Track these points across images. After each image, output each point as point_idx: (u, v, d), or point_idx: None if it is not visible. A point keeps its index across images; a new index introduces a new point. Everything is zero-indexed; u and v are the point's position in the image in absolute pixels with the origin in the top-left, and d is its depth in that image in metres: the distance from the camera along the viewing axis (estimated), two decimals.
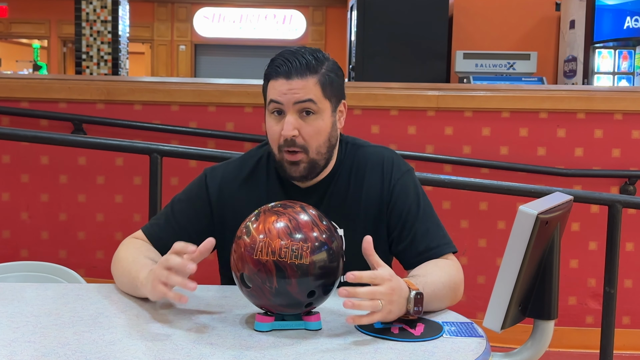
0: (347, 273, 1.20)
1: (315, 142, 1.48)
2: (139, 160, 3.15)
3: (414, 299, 1.25)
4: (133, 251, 1.52)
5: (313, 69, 1.47)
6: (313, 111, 1.47)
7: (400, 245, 1.54)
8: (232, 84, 3.72)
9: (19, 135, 3.04)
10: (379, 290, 1.21)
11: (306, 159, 1.48)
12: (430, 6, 5.81)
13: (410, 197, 1.55)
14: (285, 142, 1.47)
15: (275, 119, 1.49)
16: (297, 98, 1.45)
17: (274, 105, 1.48)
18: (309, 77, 1.46)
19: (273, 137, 1.50)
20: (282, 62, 1.47)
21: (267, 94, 1.50)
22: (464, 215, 3.56)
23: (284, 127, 1.46)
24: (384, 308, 1.22)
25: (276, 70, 1.47)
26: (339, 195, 1.56)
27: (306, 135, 1.47)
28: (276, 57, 1.51)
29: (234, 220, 1.39)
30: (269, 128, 1.50)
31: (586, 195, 2.88)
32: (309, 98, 1.46)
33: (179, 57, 11.59)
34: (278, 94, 1.46)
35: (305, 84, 1.46)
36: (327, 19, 11.52)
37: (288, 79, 1.46)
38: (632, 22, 6.08)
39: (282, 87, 1.46)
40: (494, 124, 3.60)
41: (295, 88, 1.45)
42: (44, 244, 3.62)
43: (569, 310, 3.51)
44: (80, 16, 5.73)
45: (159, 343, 1.17)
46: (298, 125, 1.46)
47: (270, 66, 1.51)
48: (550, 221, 1.17)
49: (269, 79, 1.49)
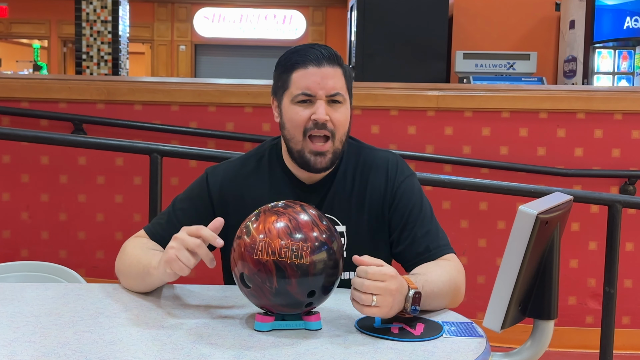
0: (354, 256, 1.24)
1: (342, 129, 1.51)
2: (139, 160, 3.16)
3: (412, 298, 1.26)
4: (140, 245, 1.53)
5: (339, 60, 1.51)
6: (340, 100, 1.50)
7: (400, 247, 1.55)
8: (232, 84, 3.72)
9: (19, 135, 3.04)
10: (383, 286, 1.22)
11: (332, 149, 1.50)
12: (430, 6, 5.82)
13: (412, 200, 1.56)
14: (316, 125, 1.47)
15: (302, 106, 1.49)
16: (330, 86, 1.47)
17: (304, 96, 1.48)
18: (337, 67, 1.50)
19: (299, 123, 1.49)
20: (309, 50, 1.49)
21: (292, 83, 1.49)
22: (464, 215, 3.56)
23: (318, 111, 1.47)
24: (384, 305, 1.22)
25: (305, 58, 1.48)
26: (343, 193, 1.57)
27: (336, 121, 1.49)
28: (298, 48, 1.52)
29: (236, 219, 1.39)
30: (294, 114, 1.49)
31: (586, 195, 2.88)
32: (340, 86, 1.49)
33: (179, 57, 11.58)
34: (311, 82, 1.47)
35: (335, 72, 1.49)
36: (327, 19, 11.52)
37: (319, 67, 1.47)
38: (632, 22, 6.08)
39: (314, 76, 1.47)
40: (494, 124, 3.60)
41: (327, 76, 1.47)
42: (44, 244, 3.62)
43: (569, 310, 3.52)
44: (80, 16, 5.73)
45: (159, 343, 1.17)
46: (328, 111, 1.48)
47: (294, 55, 1.50)
48: (550, 221, 1.17)
49: (295, 68, 1.49)
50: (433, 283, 1.36)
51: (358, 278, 1.22)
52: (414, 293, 1.26)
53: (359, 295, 1.22)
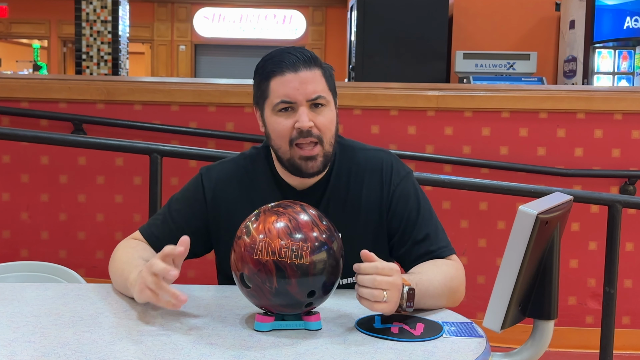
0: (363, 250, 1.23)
1: (329, 132, 1.47)
2: (139, 160, 3.15)
3: (406, 294, 1.26)
4: (128, 251, 1.51)
5: (316, 61, 1.46)
6: (322, 103, 1.46)
7: (400, 250, 1.54)
8: (232, 84, 3.72)
9: (19, 135, 3.04)
10: (390, 281, 1.22)
11: (322, 153, 1.46)
12: (430, 6, 5.82)
13: (410, 202, 1.54)
14: (301, 134, 1.43)
15: (284, 115, 1.45)
16: (310, 90, 1.43)
17: (284, 104, 1.44)
18: (315, 68, 1.45)
19: (283, 133, 1.45)
20: (284, 56, 1.44)
21: (271, 92, 1.46)
22: (464, 215, 3.56)
23: (300, 118, 1.42)
24: (392, 300, 1.23)
25: (280, 65, 1.44)
26: (337, 199, 1.54)
27: (321, 125, 1.45)
28: (273, 54, 1.47)
29: (229, 220, 1.39)
30: (276, 125, 1.46)
31: (586, 195, 2.88)
32: (320, 89, 1.45)
33: (179, 57, 11.58)
34: (289, 89, 1.42)
35: (313, 75, 1.44)
36: (327, 19, 11.52)
37: (296, 72, 1.43)
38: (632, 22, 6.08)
39: (293, 82, 1.42)
40: (494, 124, 3.60)
41: (305, 81, 1.43)
42: (44, 244, 3.62)
43: (569, 310, 3.51)
44: (80, 16, 5.73)
45: (159, 343, 1.17)
46: (312, 117, 1.44)
47: (269, 63, 1.46)
48: (550, 221, 1.17)
49: (272, 76, 1.45)
50: (427, 281, 1.36)
51: (367, 275, 1.22)
52: (407, 289, 1.27)
53: (371, 292, 1.21)
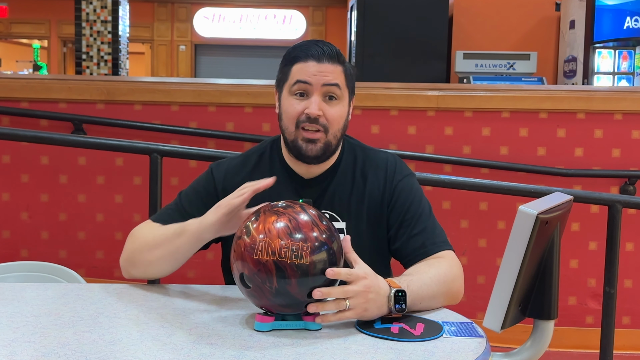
0: (328, 269, 1.20)
1: (336, 125, 1.53)
2: (139, 160, 3.15)
3: (394, 297, 1.26)
4: (154, 228, 1.55)
5: (340, 58, 1.54)
6: (336, 96, 1.53)
7: (397, 243, 1.56)
8: (232, 84, 3.72)
9: (19, 135, 3.04)
10: (352, 289, 1.23)
11: (324, 139, 1.52)
12: (430, 6, 5.82)
13: (410, 198, 1.58)
14: (308, 119, 1.50)
15: (298, 99, 1.52)
16: (326, 80, 1.50)
17: (300, 85, 1.51)
18: (337, 64, 1.53)
19: (292, 115, 1.52)
20: (311, 47, 1.52)
21: (291, 75, 1.53)
22: (464, 215, 3.56)
23: (311, 105, 1.50)
24: (357, 306, 1.23)
25: (306, 53, 1.52)
26: (342, 190, 1.59)
27: (329, 117, 1.52)
28: (302, 44, 1.56)
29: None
30: (288, 106, 1.53)
31: (586, 195, 2.88)
32: (337, 82, 1.51)
33: (179, 57, 11.58)
34: (308, 74, 1.50)
35: (334, 69, 1.52)
36: (327, 19, 11.52)
37: (319, 62, 1.51)
38: (632, 22, 6.08)
39: (312, 69, 1.50)
40: (494, 124, 3.60)
41: (325, 71, 1.50)
42: (44, 244, 3.62)
43: (569, 310, 3.52)
44: (80, 16, 5.73)
45: (159, 343, 1.17)
46: (323, 107, 1.51)
47: (297, 50, 1.54)
48: (550, 221, 1.17)
49: (296, 62, 1.52)
50: (420, 281, 1.36)
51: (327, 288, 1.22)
52: (395, 292, 1.27)
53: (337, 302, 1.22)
